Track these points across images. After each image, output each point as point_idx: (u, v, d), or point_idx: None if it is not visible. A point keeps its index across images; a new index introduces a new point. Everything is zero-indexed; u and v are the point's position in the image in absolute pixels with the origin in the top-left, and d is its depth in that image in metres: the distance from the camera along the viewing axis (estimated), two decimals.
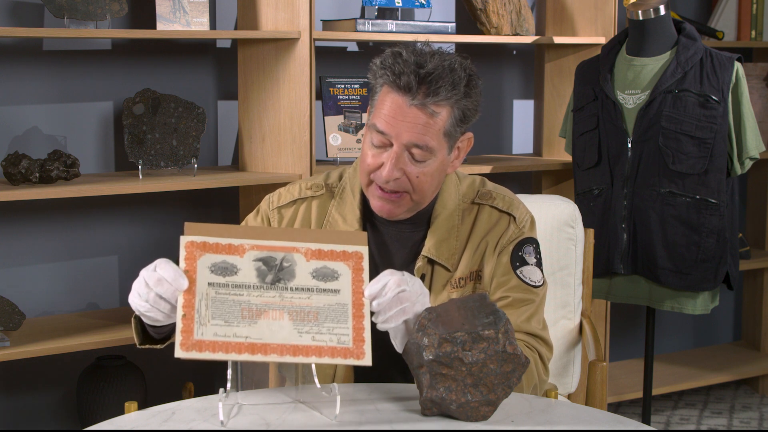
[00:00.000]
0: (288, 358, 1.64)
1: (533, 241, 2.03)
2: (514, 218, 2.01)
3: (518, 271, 1.98)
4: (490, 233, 2.00)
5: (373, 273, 1.96)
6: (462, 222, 2.00)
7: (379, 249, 2.00)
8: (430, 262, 1.97)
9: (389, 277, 1.71)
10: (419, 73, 1.84)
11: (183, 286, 1.64)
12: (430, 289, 1.96)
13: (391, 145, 1.87)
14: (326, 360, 1.64)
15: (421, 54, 1.87)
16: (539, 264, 2.02)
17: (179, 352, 1.61)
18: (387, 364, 1.86)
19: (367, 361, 1.65)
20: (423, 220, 2.00)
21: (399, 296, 1.70)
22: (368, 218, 2.02)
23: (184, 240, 1.67)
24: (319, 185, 2.06)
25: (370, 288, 1.70)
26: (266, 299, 1.66)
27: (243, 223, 2.09)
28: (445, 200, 2.00)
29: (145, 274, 1.69)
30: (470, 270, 1.98)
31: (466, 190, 2.04)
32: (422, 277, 1.96)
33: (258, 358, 1.63)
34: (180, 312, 1.63)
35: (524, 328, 1.96)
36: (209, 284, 1.66)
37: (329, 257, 1.70)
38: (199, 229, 1.69)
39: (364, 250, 1.71)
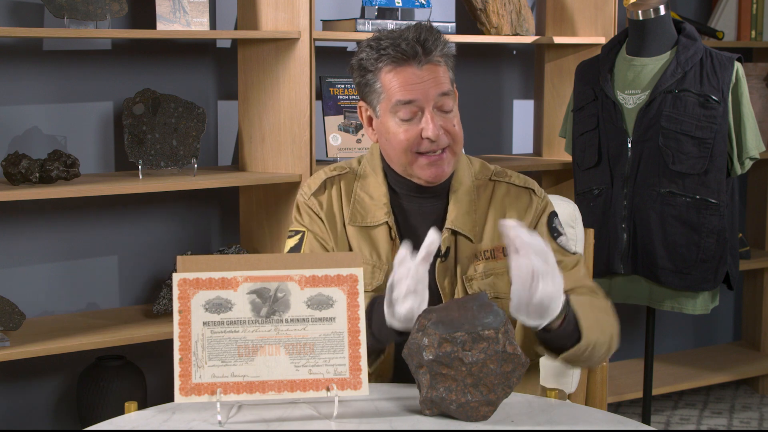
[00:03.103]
0: (286, 395, 1.66)
1: (557, 214, 2.11)
2: (534, 191, 2.08)
3: (558, 241, 2.05)
4: (511, 208, 2.05)
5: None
6: (479, 198, 2.06)
7: (405, 222, 2.05)
8: (453, 233, 2.02)
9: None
10: (411, 39, 1.94)
11: None
12: (455, 260, 2.01)
13: (421, 110, 1.95)
14: (323, 393, 1.66)
15: (393, 31, 1.99)
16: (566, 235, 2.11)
17: (179, 398, 1.65)
18: None
19: (364, 390, 1.67)
20: (443, 195, 2.05)
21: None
22: (394, 193, 2.06)
23: (176, 278, 1.68)
24: (343, 167, 2.11)
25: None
26: (262, 334, 1.68)
27: (295, 222, 2.09)
28: (460, 177, 2.06)
29: None
30: (494, 245, 2.03)
31: (479, 169, 2.10)
32: (447, 250, 2.01)
33: (256, 396, 1.66)
34: (177, 356, 1.65)
35: (587, 283, 2.02)
36: (204, 323, 1.67)
37: (323, 283, 1.70)
38: (192, 263, 1.69)
39: (359, 271, 1.71)
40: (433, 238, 1.74)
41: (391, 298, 1.75)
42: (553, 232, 2.05)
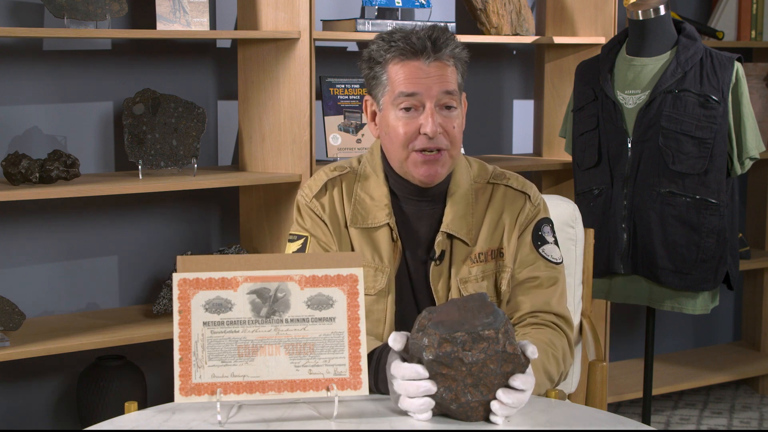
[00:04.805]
0: (286, 395, 1.67)
1: (549, 221, 2.11)
2: (529, 197, 2.09)
3: (540, 250, 2.06)
4: (507, 211, 2.07)
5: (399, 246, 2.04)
6: (476, 201, 2.06)
7: (404, 224, 2.06)
8: (449, 237, 2.03)
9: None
10: (422, 35, 1.97)
11: None
12: (450, 263, 2.03)
13: (422, 105, 1.96)
14: (323, 393, 1.67)
15: (406, 26, 1.99)
16: (556, 243, 2.11)
17: (179, 398, 1.65)
18: None
19: (364, 390, 1.68)
20: (440, 198, 2.06)
21: None
22: (393, 195, 2.07)
23: (176, 278, 1.68)
24: (343, 167, 2.11)
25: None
26: (262, 334, 1.68)
27: (296, 224, 2.08)
28: (458, 180, 2.07)
29: None
30: (489, 247, 2.04)
31: (477, 172, 2.11)
32: (442, 253, 2.02)
33: (256, 396, 1.66)
34: (177, 356, 1.66)
35: (556, 309, 2.03)
36: (204, 323, 1.67)
37: (323, 283, 1.71)
38: (192, 263, 1.69)
39: (359, 271, 1.72)
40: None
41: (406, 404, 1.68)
42: (537, 241, 2.06)
